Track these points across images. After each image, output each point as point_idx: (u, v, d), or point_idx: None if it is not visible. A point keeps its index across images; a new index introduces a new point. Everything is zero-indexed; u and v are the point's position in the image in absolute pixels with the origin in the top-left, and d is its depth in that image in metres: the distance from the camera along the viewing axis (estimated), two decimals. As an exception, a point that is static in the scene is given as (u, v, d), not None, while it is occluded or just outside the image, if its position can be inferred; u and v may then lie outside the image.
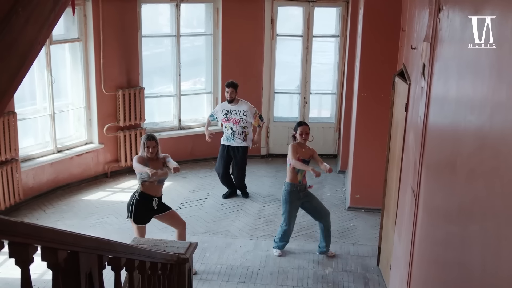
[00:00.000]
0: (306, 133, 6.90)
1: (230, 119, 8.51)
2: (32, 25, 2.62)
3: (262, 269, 6.82)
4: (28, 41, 2.65)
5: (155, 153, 6.37)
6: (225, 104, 8.60)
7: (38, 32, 2.71)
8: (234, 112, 8.50)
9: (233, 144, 8.63)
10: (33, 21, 2.62)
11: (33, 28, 2.64)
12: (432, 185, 3.97)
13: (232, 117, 8.51)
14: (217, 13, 9.97)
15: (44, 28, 2.77)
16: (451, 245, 3.09)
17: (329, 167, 6.65)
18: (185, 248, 4.97)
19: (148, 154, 6.32)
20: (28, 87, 8.92)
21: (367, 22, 7.97)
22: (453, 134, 3.30)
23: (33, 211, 8.22)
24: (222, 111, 8.59)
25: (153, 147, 6.33)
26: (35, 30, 2.68)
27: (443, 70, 3.78)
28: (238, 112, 8.50)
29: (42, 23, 2.72)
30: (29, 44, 2.66)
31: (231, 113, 8.50)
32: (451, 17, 3.51)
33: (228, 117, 8.52)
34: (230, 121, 8.52)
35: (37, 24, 2.66)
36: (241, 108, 8.50)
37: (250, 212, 8.39)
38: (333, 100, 10.75)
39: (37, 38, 2.73)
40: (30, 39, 2.65)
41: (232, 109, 8.50)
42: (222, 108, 8.62)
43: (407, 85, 5.51)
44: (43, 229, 2.45)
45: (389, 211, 6.38)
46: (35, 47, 2.77)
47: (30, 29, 2.61)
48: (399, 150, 5.87)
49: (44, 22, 2.75)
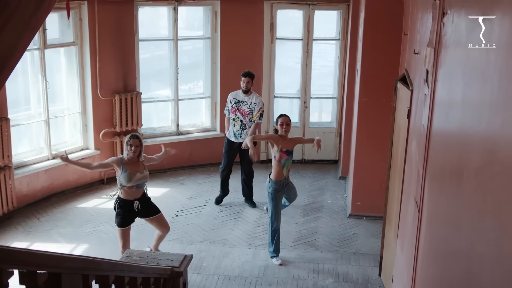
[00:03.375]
0: (287, 124, 6.89)
1: (240, 110, 8.31)
2: (10, 31, 2.45)
3: (260, 279, 6.63)
4: (6, 47, 2.48)
5: (138, 153, 6.27)
6: (238, 94, 8.39)
7: (17, 39, 2.54)
8: (245, 103, 8.32)
9: (239, 141, 8.39)
10: (12, 27, 2.45)
11: (11, 34, 2.47)
12: (436, 196, 3.79)
13: (242, 108, 8.31)
14: (215, 17, 9.81)
15: (24, 34, 2.60)
16: (457, 259, 2.93)
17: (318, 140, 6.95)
18: (179, 261, 4.80)
19: (130, 154, 6.22)
20: (22, 92, 8.78)
21: (368, 25, 7.81)
22: (459, 143, 3.12)
23: (27, 219, 8.04)
24: (232, 100, 8.37)
25: (136, 146, 6.23)
26: (14, 36, 2.51)
27: (447, 77, 3.60)
28: (248, 104, 8.33)
29: (22, 29, 2.55)
30: (7, 51, 2.50)
31: (242, 103, 8.31)
32: (456, 22, 3.34)
33: (237, 106, 8.31)
34: (239, 111, 8.31)
35: (16, 30, 2.49)
36: (252, 101, 8.33)
37: (248, 220, 8.21)
38: (333, 104, 10.58)
39: (16, 45, 2.57)
40: (8, 46, 2.49)
41: (244, 100, 8.32)
42: (233, 97, 8.39)
43: (410, 91, 5.34)
44: (18, 252, 2.27)
45: (391, 221, 6.20)
46: (14, 55, 2.60)
47: (7, 35, 2.44)
48: (401, 157, 5.69)
49: (24, 28, 2.58)
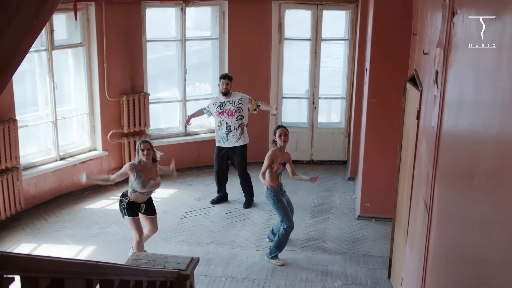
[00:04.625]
0: (285, 135, 6.98)
1: (225, 111, 8.30)
2: (10, 35, 2.41)
3: (268, 282, 6.58)
4: (6, 51, 2.44)
5: (151, 156, 6.31)
6: (219, 97, 8.44)
7: (18, 42, 2.50)
8: (229, 102, 8.33)
9: (229, 145, 8.42)
10: (11, 30, 2.41)
11: (11, 37, 2.42)
12: (446, 199, 3.72)
13: (227, 108, 8.30)
14: (223, 17, 9.77)
15: (25, 38, 2.56)
16: (467, 264, 2.86)
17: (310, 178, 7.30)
18: (186, 264, 4.74)
19: (144, 158, 6.25)
20: (30, 94, 8.78)
21: (377, 25, 7.73)
22: (470, 145, 3.06)
23: (35, 220, 8.04)
24: (215, 104, 8.39)
25: (147, 150, 6.27)
26: (14, 39, 2.46)
27: (458, 78, 3.53)
28: (232, 102, 8.34)
29: (23, 32, 2.51)
30: (7, 54, 2.46)
31: (225, 104, 8.32)
32: (466, 22, 3.27)
33: (222, 108, 8.31)
34: (225, 113, 8.30)
35: (17, 33, 2.45)
36: (235, 98, 8.36)
37: (256, 221, 8.16)
38: (342, 105, 10.50)
39: (16, 49, 2.53)
40: (8, 49, 2.45)
41: (225, 100, 8.34)
42: (216, 101, 8.43)
43: (419, 91, 5.26)
44: (18, 258, 2.23)
45: (401, 223, 6.12)
46: (15, 58, 2.56)
47: (7, 38, 2.40)
48: (410, 159, 5.61)
49: (25, 31, 2.53)
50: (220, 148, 8.51)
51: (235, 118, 8.33)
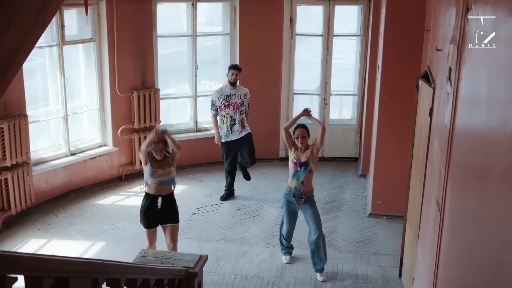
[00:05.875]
0: (302, 137, 6.48)
1: (231, 103, 8.27)
2: (14, 31, 2.37)
3: (278, 279, 6.53)
4: (10, 48, 2.40)
5: (164, 154, 6.13)
6: (224, 89, 8.39)
7: (22, 39, 2.46)
8: (235, 95, 8.31)
9: (235, 137, 8.40)
10: (16, 26, 2.37)
11: (15, 34, 2.39)
12: (459, 198, 3.65)
13: (233, 101, 8.28)
14: (234, 12, 9.71)
15: (29, 34, 2.52)
16: (480, 265, 2.80)
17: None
18: (194, 262, 4.71)
19: (157, 156, 6.09)
20: (40, 89, 8.79)
21: (389, 20, 7.64)
22: (484, 144, 2.99)
23: (45, 215, 8.04)
24: (220, 97, 8.32)
25: (160, 150, 6.08)
26: (18, 36, 2.43)
27: (472, 75, 3.46)
28: (238, 96, 8.33)
29: (27, 28, 2.47)
30: (11, 51, 2.42)
31: (231, 97, 8.29)
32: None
33: (228, 101, 8.27)
34: (231, 106, 8.28)
35: (21, 30, 2.41)
36: (241, 91, 8.36)
37: (267, 218, 8.11)
38: (354, 101, 10.41)
39: (21, 45, 2.49)
40: (12, 46, 2.41)
41: (232, 93, 8.30)
42: (221, 94, 8.34)
43: (432, 88, 5.18)
44: (21, 258, 2.20)
45: (412, 221, 6.05)
46: (20, 54, 2.53)
47: (11, 35, 2.36)
48: (422, 157, 5.54)
49: (30, 27, 2.50)
50: (229, 143, 8.46)
51: (239, 112, 8.33)
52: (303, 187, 6.40)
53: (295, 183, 6.42)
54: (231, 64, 8.44)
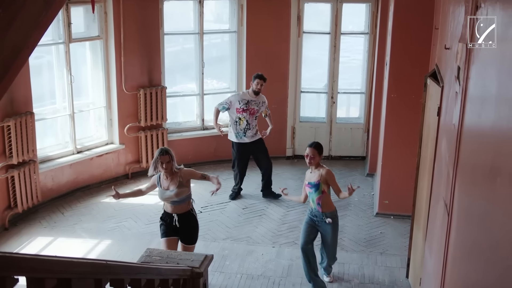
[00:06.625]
0: (312, 157, 6.10)
1: (249, 109, 8.36)
2: (16, 29, 2.35)
3: (284, 279, 6.49)
4: (12, 45, 2.38)
5: (170, 168, 5.76)
6: (246, 95, 8.45)
7: (25, 36, 2.44)
8: (255, 102, 8.41)
9: (247, 140, 8.48)
10: (19, 24, 2.34)
11: (18, 32, 2.36)
12: (467, 199, 3.60)
13: (252, 107, 8.38)
14: (241, 10, 9.67)
15: (33, 31, 2.49)
16: (490, 267, 2.75)
17: (348, 193, 6.00)
18: (199, 261, 4.69)
19: (162, 171, 5.78)
20: (47, 87, 8.78)
21: (397, 18, 7.58)
22: (493, 144, 2.93)
23: (51, 213, 8.04)
24: (241, 100, 8.38)
25: (166, 163, 5.71)
26: (21, 33, 2.40)
27: (481, 74, 3.40)
28: (258, 103, 8.44)
29: (30, 25, 2.45)
30: (14, 48, 2.40)
31: (251, 103, 8.39)
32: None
33: (247, 106, 8.36)
34: (248, 111, 8.35)
35: (24, 27, 2.39)
36: (261, 100, 8.48)
37: (273, 217, 8.07)
38: (361, 100, 10.35)
39: (24, 42, 2.46)
40: (15, 43, 2.38)
41: (252, 99, 8.39)
42: (242, 98, 8.41)
43: (440, 87, 5.12)
44: (22, 259, 2.17)
45: (420, 221, 6.00)
46: (22, 52, 2.50)
47: (14, 33, 2.33)
48: (430, 156, 5.48)
49: (33, 25, 2.47)
50: (241, 145, 8.50)
51: (254, 117, 8.43)
52: (321, 208, 6.08)
53: (313, 204, 6.12)
54: (257, 74, 8.40)
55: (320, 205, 6.05)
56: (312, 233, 6.21)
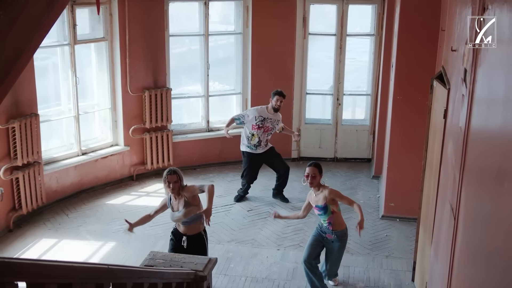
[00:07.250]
0: (312, 176, 5.84)
1: (264, 127, 8.30)
2: (18, 31, 2.33)
3: (289, 282, 6.45)
4: (13, 47, 2.35)
5: (177, 189, 5.61)
6: (264, 111, 8.36)
7: (26, 38, 2.42)
8: (270, 120, 8.35)
9: (260, 151, 8.45)
10: (20, 25, 2.32)
11: (19, 33, 2.34)
12: (474, 203, 3.56)
13: (267, 125, 8.33)
14: (247, 11, 9.64)
15: (34, 33, 2.47)
16: (495, 271, 2.71)
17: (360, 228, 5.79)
18: (203, 265, 4.65)
19: (169, 191, 5.64)
20: (52, 88, 8.78)
21: (403, 20, 7.53)
22: (500, 147, 2.89)
23: (56, 215, 8.03)
24: (258, 117, 8.31)
25: (174, 183, 5.56)
26: (23, 35, 2.38)
27: (488, 77, 3.36)
28: (273, 121, 8.38)
29: (32, 27, 2.43)
30: (15, 50, 2.38)
31: (267, 120, 8.33)
32: (498, 18, 3.10)
33: (263, 124, 8.30)
34: (262, 128, 8.30)
35: (25, 28, 2.37)
36: (277, 118, 8.42)
37: (278, 220, 8.00)
38: (367, 101, 10.30)
39: (26, 44, 2.44)
40: (16, 45, 2.36)
41: (269, 117, 8.33)
42: (259, 114, 8.33)
43: (447, 90, 5.08)
44: (23, 264, 2.15)
45: (426, 225, 5.95)
46: (24, 54, 2.47)
47: (15, 34, 2.31)
48: (436, 159, 5.43)
49: (34, 27, 2.45)
50: (252, 154, 8.47)
51: (267, 135, 8.39)
52: (331, 226, 5.98)
53: (324, 223, 6.02)
54: (276, 90, 8.33)
55: (331, 224, 5.97)
56: (318, 247, 6.12)
